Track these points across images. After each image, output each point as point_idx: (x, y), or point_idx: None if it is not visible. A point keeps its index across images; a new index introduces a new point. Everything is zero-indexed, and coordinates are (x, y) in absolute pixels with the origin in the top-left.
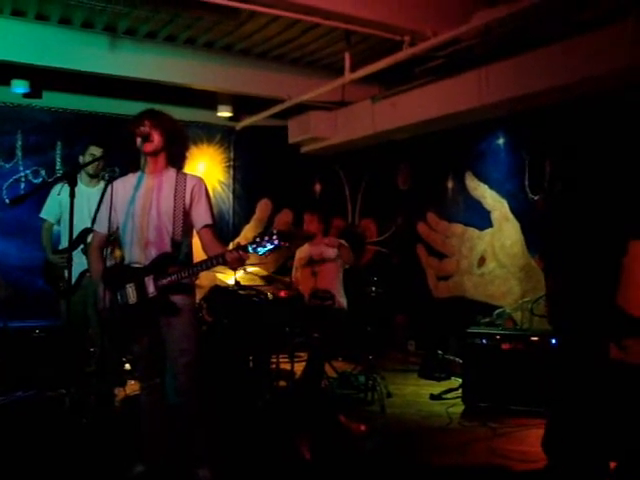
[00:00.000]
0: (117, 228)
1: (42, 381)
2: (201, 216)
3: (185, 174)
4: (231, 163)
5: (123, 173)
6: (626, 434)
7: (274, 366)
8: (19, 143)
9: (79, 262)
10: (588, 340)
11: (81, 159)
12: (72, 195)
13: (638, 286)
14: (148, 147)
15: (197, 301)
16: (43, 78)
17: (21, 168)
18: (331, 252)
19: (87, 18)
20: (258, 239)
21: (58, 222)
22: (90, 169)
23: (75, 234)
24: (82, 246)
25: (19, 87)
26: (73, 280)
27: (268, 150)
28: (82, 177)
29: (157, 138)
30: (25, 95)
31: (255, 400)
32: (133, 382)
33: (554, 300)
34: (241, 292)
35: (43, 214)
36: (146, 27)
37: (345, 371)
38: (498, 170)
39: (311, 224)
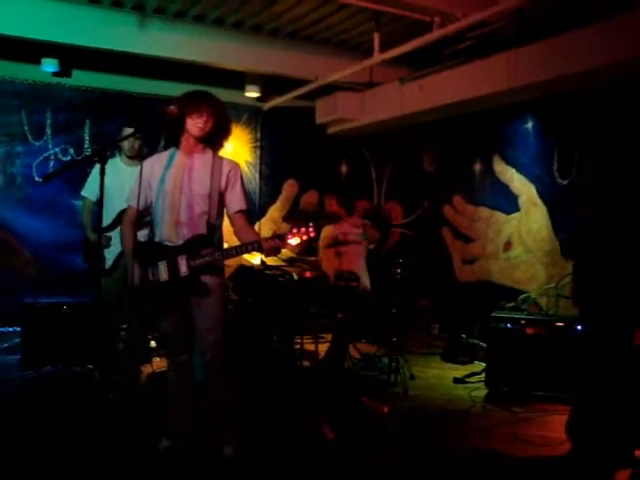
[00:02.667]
0: (150, 204)
1: (70, 357)
2: (236, 201)
3: (222, 158)
4: (258, 143)
5: (150, 151)
6: None
7: (298, 346)
8: (48, 121)
9: (118, 242)
10: (615, 327)
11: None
12: (102, 172)
13: None
14: (200, 131)
15: None
16: (73, 57)
17: (50, 146)
18: (355, 232)
19: None
20: (295, 230)
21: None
22: (127, 150)
23: (116, 213)
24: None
25: (49, 66)
26: (112, 260)
27: (295, 131)
28: (122, 158)
29: (210, 125)
30: (55, 74)
31: (279, 380)
32: (159, 359)
33: (583, 287)
34: (267, 272)
35: (84, 192)
36: (175, 6)
37: (369, 353)
38: (526, 154)
39: (331, 206)
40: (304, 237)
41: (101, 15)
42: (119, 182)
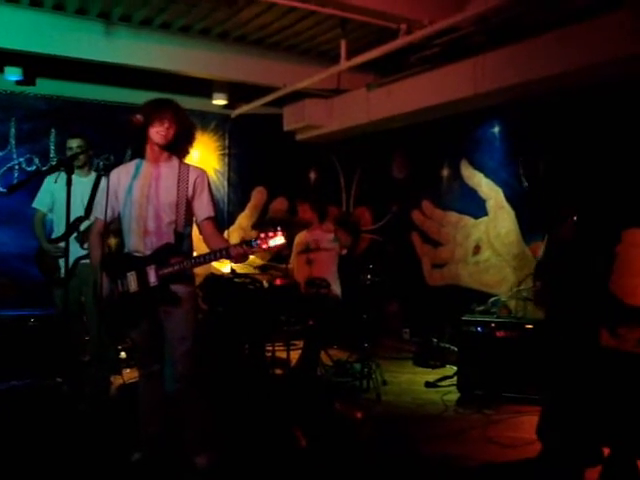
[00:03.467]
0: (118, 215)
1: (37, 370)
2: (204, 208)
3: (188, 165)
4: (226, 151)
5: (117, 160)
6: (618, 420)
7: (270, 354)
8: (12, 131)
9: (72, 250)
10: (581, 327)
11: (68, 153)
12: (69, 183)
13: (631, 274)
14: (163, 139)
15: None
16: (37, 65)
17: (15, 156)
18: (328, 237)
19: (81, 4)
20: (263, 235)
21: (51, 211)
22: (76, 160)
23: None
24: (75, 234)
25: (12, 74)
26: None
27: (263, 138)
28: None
29: (172, 132)
30: (18, 82)
31: (251, 388)
32: (128, 370)
33: (550, 287)
34: (236, 280)
35: (35, 204)
36: (141, 14)
37: (341, 359)
38: (493, 159)
39: (305, 213)
40: (273, 242)
41: (66, 23)
42: (70, 192)
